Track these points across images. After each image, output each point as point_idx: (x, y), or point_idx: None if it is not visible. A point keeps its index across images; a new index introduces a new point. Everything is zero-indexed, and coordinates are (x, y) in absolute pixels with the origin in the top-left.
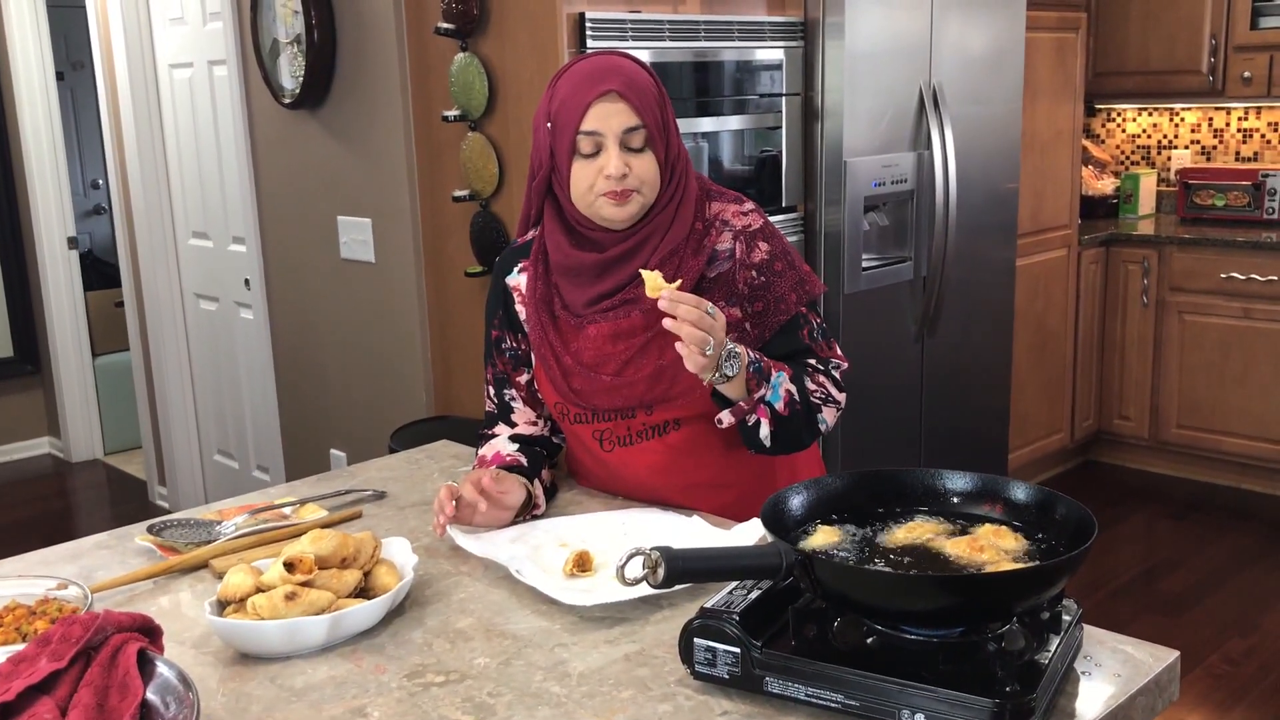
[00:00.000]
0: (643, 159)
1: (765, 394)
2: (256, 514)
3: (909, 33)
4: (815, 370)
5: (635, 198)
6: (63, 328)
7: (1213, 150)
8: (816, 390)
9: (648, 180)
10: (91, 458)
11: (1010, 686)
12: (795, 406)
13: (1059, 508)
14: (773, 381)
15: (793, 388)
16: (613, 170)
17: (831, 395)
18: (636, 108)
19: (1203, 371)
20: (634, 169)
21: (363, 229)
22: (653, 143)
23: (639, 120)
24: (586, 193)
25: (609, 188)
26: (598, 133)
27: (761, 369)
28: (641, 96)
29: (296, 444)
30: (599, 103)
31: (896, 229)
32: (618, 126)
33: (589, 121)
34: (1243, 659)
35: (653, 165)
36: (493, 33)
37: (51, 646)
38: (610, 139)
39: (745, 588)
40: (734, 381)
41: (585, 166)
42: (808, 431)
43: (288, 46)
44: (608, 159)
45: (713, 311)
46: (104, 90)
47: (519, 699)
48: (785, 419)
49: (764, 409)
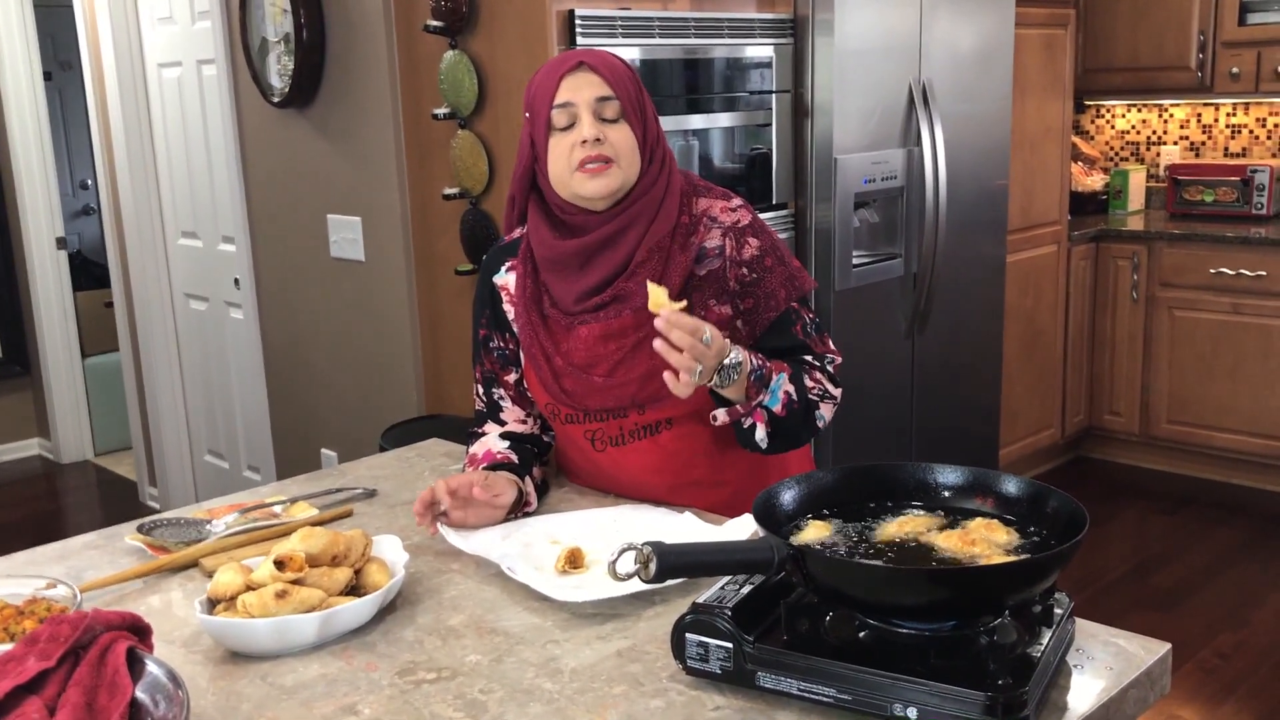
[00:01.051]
0: (618, 129)
1: (764, 399)
2: (246, 513)
3: (899, 29)
4: (812, 367)
5: (614, 169)
6: (52, 329)
7: (1201, 146)
8: (814, 388)
9: (623, 150)
10: (81, 459)
11: (1003, 679)
12: (793, 407)
13: (1050, 501)
14: (772, 386)
15: (792, 388)
16: (587, 134)
17: (828, 391)
18: (608, 80)
19: (1192, 367)
20: (609, 137)
21: (353, 227)
22: (627, 116)
23: (611, 91)
24: (564, 170)
25: (584, 154)
26: (570, 103)
27: (763, 376)
28: (613, 71)
29: (287, 444)
30: (570, 76)
31: (887, 226)
32: (590, 95)
33: (561, 94)
34: (1233, 653)
35: (629, 137)
36: (482, 30)
37: (39, 646)
38: (583, 108)
39: (737, 583)
40: (733, 387)
41: (561, 140)
42: (805, 429)
43: (276, 45)
44: (581, 128)
45: (708, 339)
46: (92, 90)
47: (510, 696)
48: (782, 420)
49: (761, 413)
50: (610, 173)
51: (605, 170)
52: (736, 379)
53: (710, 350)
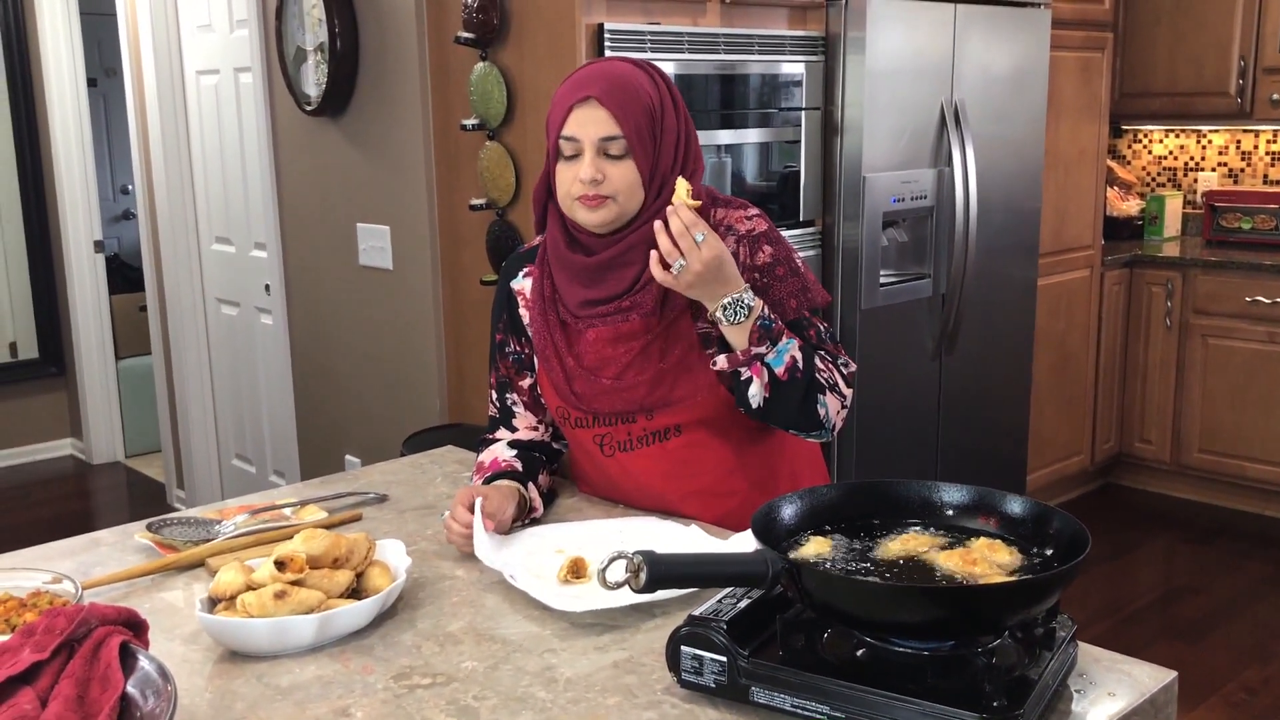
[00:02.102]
0: (620, 167)
1: (765, 353)
2: (256, 514)
3: (931, 49)
4: (826, 358)
5: (610, 205)
6: (87, 330)
7: (1240, 173)
8: (824, 372)
9: (622, 189)
10: (112, 460)
11: (998, 701)
12: (796, 375)
13: (1054, 522)
14: (780, 346)
15: (800, 356)
16: (584, 175)
17: (838, 384)
18: (616, 116)
19: (1226, 396)
20: (609, 176)
21: (381, 236)
22: (633, 153)
23: (617, 130)
24: (566, 196)
25: (581, 192)
26: (575, 138)
27: (771, 329)
28: (624, 106)
29: (312, 449)
30: (578, 109)
31: (915, 245)
32: (594, 134)
33: (569, 127)
34: (1261, 688)
35: (630, 174)
36: (512, 42)
37: (35, 638)
38: (587, 145)
39: (735, 596)
40: (739, 329)
41: (565, 169)
42: (804, 411)
43: (311, 54)
44: (581, 165)
45: (700, 239)
46: (132, 96)
47: (503, 703)
48: (783, 384)
49: (760, 369)
50: (606, 207)
51: (601, 205)
52: (743, 320)
53: (699, 252)
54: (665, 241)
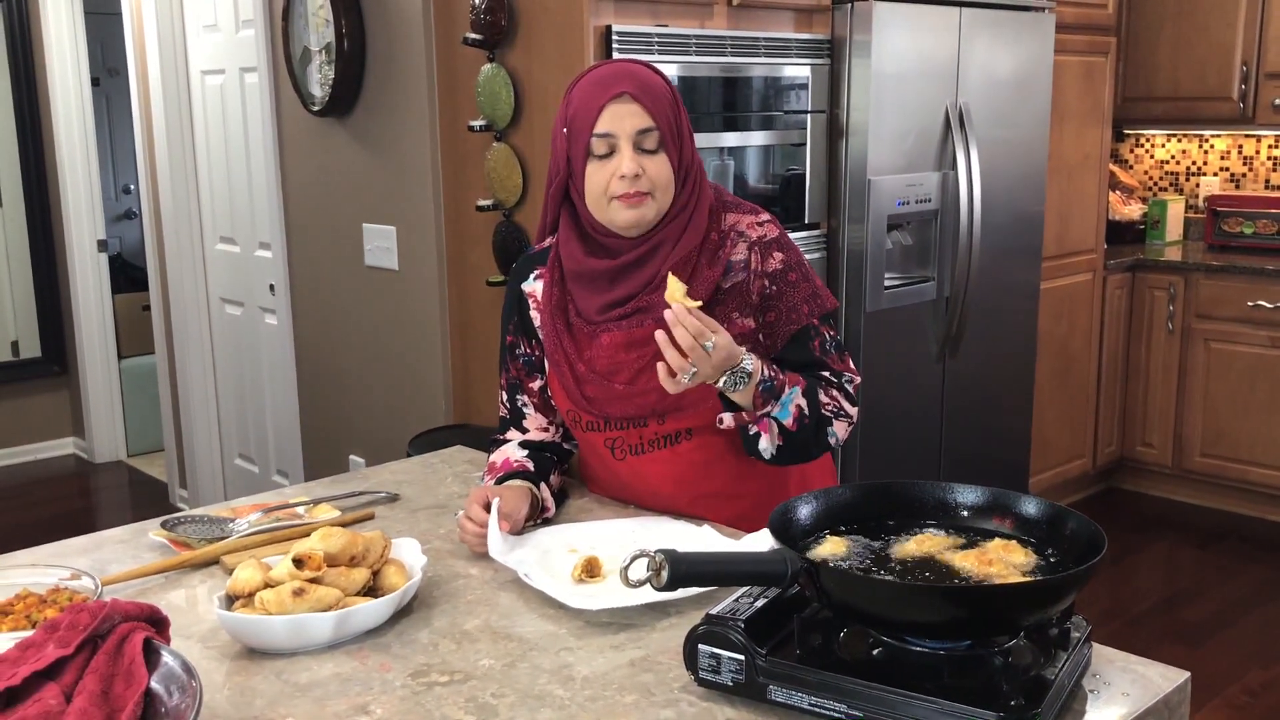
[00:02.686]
0: (656, 161)
1: (772, 410)
2: (270, 512)
3: (936, 53)
4: (829, 384)
5: (649, 202)
6: (90, 330)
7: (1242, 178)
8: (829, 404)
9: (660, 183)
10: (115, 459)
11: (1015, 700)
12: (804, 421)
13: (1069, 523)
14: (784, 399)
15: (804, 403)
16: (626, 170)
17: (844, 409)
18: (650, 110)
19: (1228, 400)
20: (648, 170)
21: (387, 236)
22: (666, 146)
23: (652, 122)
24: (600, 197)
25: (623, 189)
26: (611, 134)
27: (773, 388)
28: (655, 100)
29: (316, 449)
30: (612, 104)
31: (920, 248)
32: (631, 128)
33: (603, 124)
34: (1262, 690)
35: (666, 168)
36: (520, 44)
37: (59, 633)
38: (624, 140)
39: (752, 595)
40: (741, 394)
41: (599, 169)
42: (815, 445)
43: (318, 54)
44: (621, 160)
45: (710, 346)
46: (137, 96)
47: (521, 701)
48: (792, 434)
49: (768, 423)
50: (646, 205)
51: (642, 203)
52: (745, 386)
53: (711, 358)
54: (675, 355)
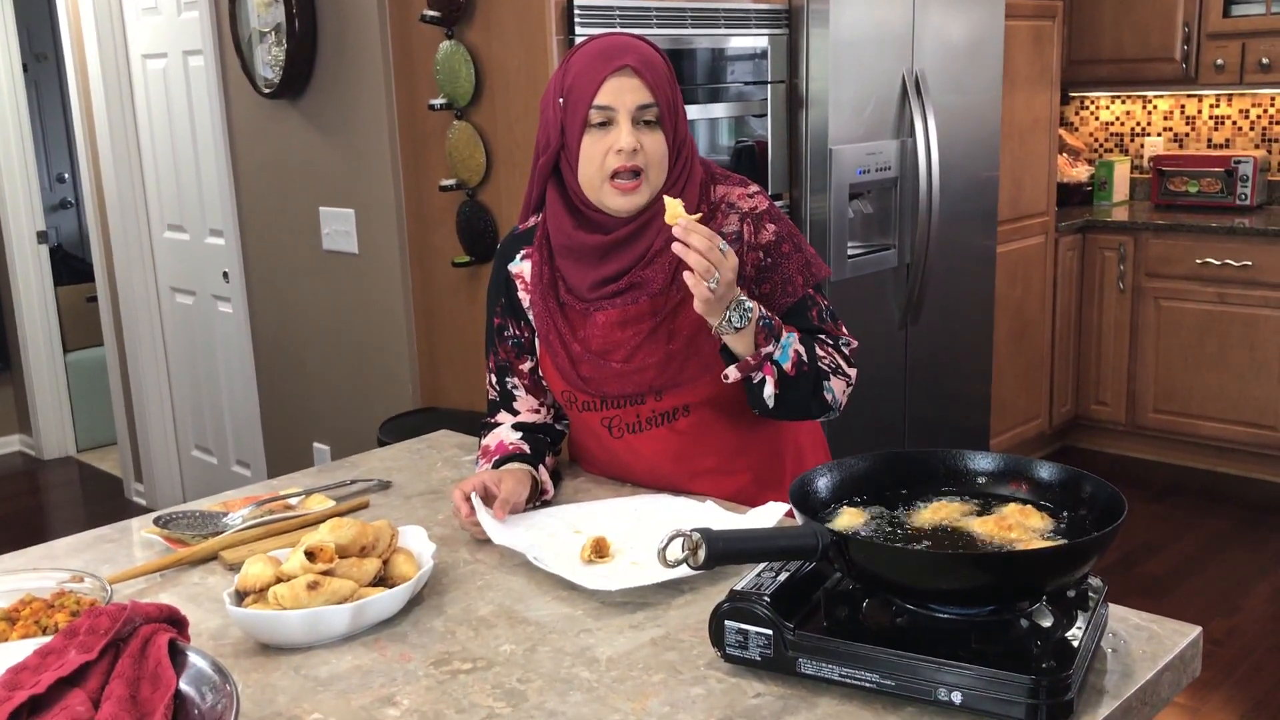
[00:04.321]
0: (653, 137)
1: (773, 351)
2: (263, 505)
3: (891, 20)
4: (825, 343)
5: (642, 185)
6: (33, 324)
7: (1185, 137)
8: (825, 358)
9: (655, 159)
10: (64, 455)
11: (1046, 663)
12: (803, 368)
13: (1085, 486)
14: (783, 341)
15: (802, 349)
16: (624, 144)
17: (841, 367)
18: (650, 85)
19: (1178, 356)
20: (644, 146)
21: (345, 220)
22: (663, 122)
23: (652, 98)
24: (595, 174)
25: (619, 163)
26: (611, 107)
27: (772, 326)
28: (656, 75)
29: (278, 438)
30: (614, 77)
31: (880, 217)
32: (631, 102)
33: (603, 96)
34: (1226, 639)
35: (662, 145)
36: (479, 20)
37: (79, 638)
38: (623, 114)
39: (773, 570)
40: (742, 334)
41: (596, 141)
42: (815, 399)
43: (267, 36)
44: (619, 134)
45: (725, 249)
46: (75, 81)
47: (549, 684)
48: (792, 380)
49: (770, 367)
50: (639, 190)
51: (635, 188)
52: (746, 323)
53: (727, 261)
54: (697, 258)
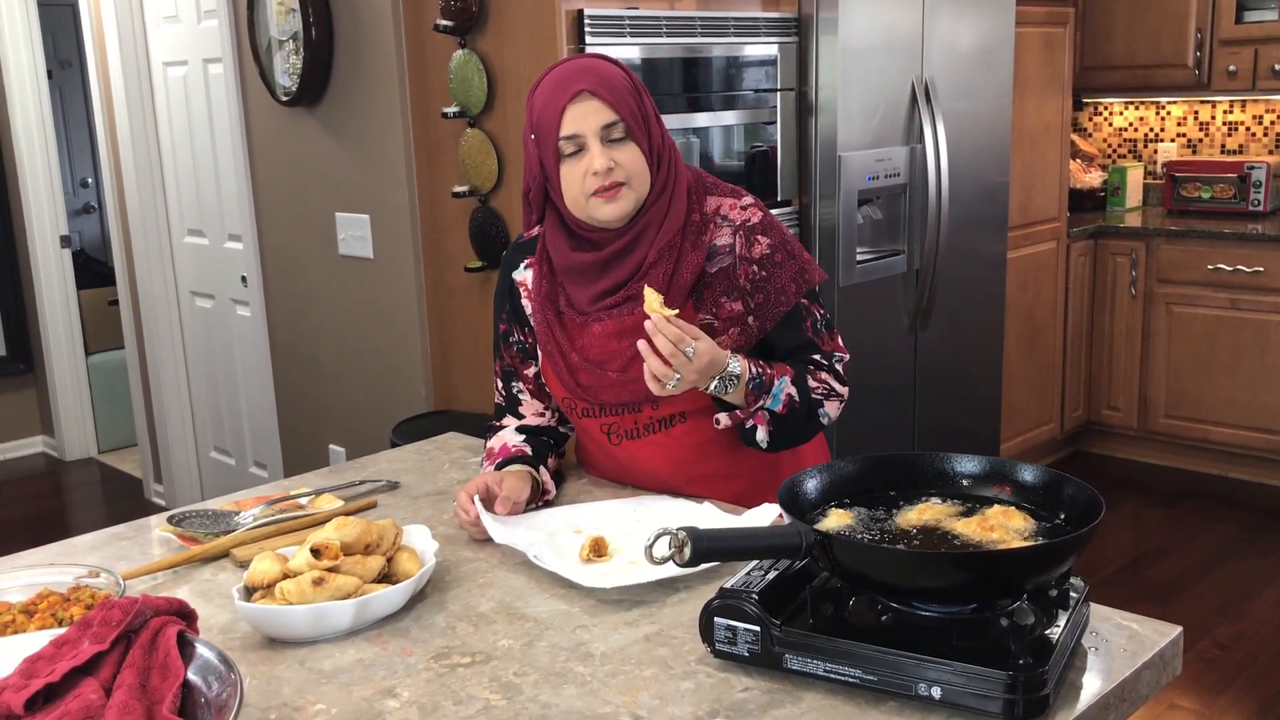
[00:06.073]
0: (626, 151)
1: (764, 403)
2: (274, 504)
3: (901, 28)
4: (818, 367)
5: (626, 192)
6: (55, 326)
7: (1198, 143)
8: (818, 388)
9: (634, 171)
10: (85, 456)
11: (1023, 659)
12: (795, 407)
13: (1066, 489)
14: (774, 390)
15: (794, 390)
16: (598, 166)
17: (834, 390)
18: (611, 103)
19: (1190, 362)
20: (620, 161)
21: (361, 225)
22: (634, 134)
23: (615, 115)
24: (579, 195)
25: (597, 184)
26: (577, 134)
27: (763, 383)
28: (614, 91)
29: (294, 440)
30: (573, 105)
31: (890, 222)
32: (595, 125)
33: (567, 125)
34: (1232, 644)
35: (637, 156)
36: (491, 30)
37: (93, 630)
38: (591, 137)
39: (762, 569)
40: (732, 394)
41: (572, 168)
42: (808, 427)
43: (284, 44)
44: (591, 157)
45: (691, 352)
46: (97, 88)
47: (544, 678)
48: (783, 419)
49: (761, 415)
50: (624, 195)
51: (619, 194)
52: (735, 388)
53: (692, 364)
54: (657, 363)
